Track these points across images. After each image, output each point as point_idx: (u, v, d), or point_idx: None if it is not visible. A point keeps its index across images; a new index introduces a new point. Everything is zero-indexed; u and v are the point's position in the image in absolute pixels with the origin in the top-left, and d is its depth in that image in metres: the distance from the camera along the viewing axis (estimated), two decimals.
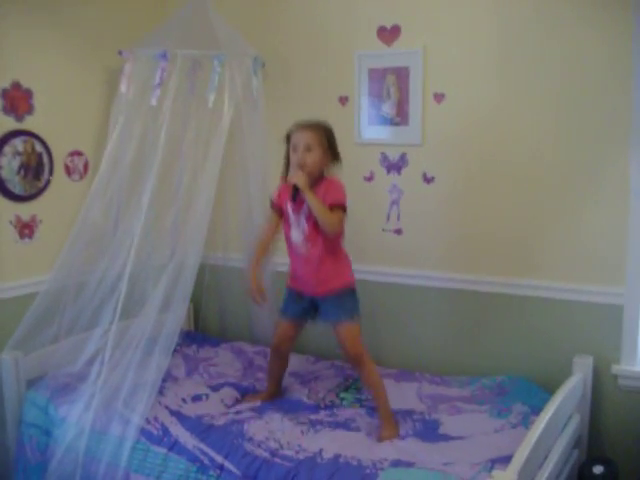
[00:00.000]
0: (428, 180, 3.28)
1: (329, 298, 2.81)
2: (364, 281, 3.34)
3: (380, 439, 2.63)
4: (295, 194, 2.73)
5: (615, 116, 2.82)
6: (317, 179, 2.75)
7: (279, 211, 2.89)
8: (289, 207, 2.81)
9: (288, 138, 2.79)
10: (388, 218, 3.40)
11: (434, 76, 3.19)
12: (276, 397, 3.04)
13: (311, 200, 2.66)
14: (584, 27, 2.85)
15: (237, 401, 3.02)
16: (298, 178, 2.68)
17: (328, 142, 2.77)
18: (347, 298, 2.83)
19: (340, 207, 2.72)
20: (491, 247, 3.17)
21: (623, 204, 2.84)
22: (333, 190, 2.73)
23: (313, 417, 2.82)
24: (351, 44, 3.36)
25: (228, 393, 3.05)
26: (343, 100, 3.43)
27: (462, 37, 3.11)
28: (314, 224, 2.73)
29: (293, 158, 2.75)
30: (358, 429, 2.72)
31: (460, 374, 3.21)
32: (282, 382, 3.11)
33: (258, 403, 2.95)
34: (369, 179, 3.42)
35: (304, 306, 2.90)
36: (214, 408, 2.89)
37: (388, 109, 3.32)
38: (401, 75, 3.25)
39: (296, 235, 2.79)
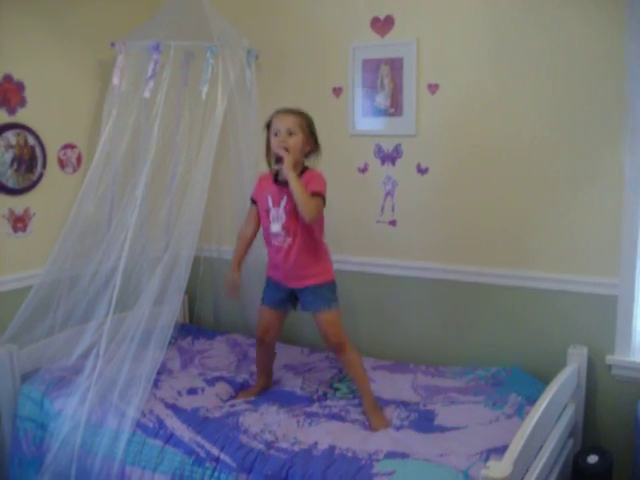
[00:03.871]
0: (422, 171, 3.27)
1: (307, 289, 2.82)
2: (358, 273, 3.35)
3: (373, 430, 2.64)
4: (276, 175, 2.76)
5: (608, 108, 2.82)
6: (300, 170, 2.75)
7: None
8: (269, 199, 2.80)
9: (268, 126, 2.79)
10: (382, 209, 3.39)
11: (428, 67, 3.18)
12: (267, 388, 3.04)
13: (293, 180, 2.64)
14: (577, 18, 2.84)
15: (232, 397, 3.01)
16: (285, 154, 2.67)
17: (309, 129, 2.77)
18: (325, 289, 2.83)
19: (320, 197, 2.71)
20: (485, 238, 3.17)
21: (617, 195, 2.84)
22: (315, 180, 2.73)
23: (307, 409, 2.82)
24: (345, 35, 3.34)
25: (223, 388, 3.04)
26: (337, 91, 3.42)
27: (456, 28, 3.10)
28: (293, 216, 2.73)
29: (274, 142, 2.74)
30: (353, 420, 2.72)
31: (455, 365, 3.21)
32: (272, 373, 3.12)
33: (252, 399, 2.94)
34: (363, 170, 3.41)
35: (283, 296, 2.91)
36: (209, 401, 2.89)
37: (382, 100, 3.31)
38: (395, 66, 3.24)
39: (275, 227, 2.79)
